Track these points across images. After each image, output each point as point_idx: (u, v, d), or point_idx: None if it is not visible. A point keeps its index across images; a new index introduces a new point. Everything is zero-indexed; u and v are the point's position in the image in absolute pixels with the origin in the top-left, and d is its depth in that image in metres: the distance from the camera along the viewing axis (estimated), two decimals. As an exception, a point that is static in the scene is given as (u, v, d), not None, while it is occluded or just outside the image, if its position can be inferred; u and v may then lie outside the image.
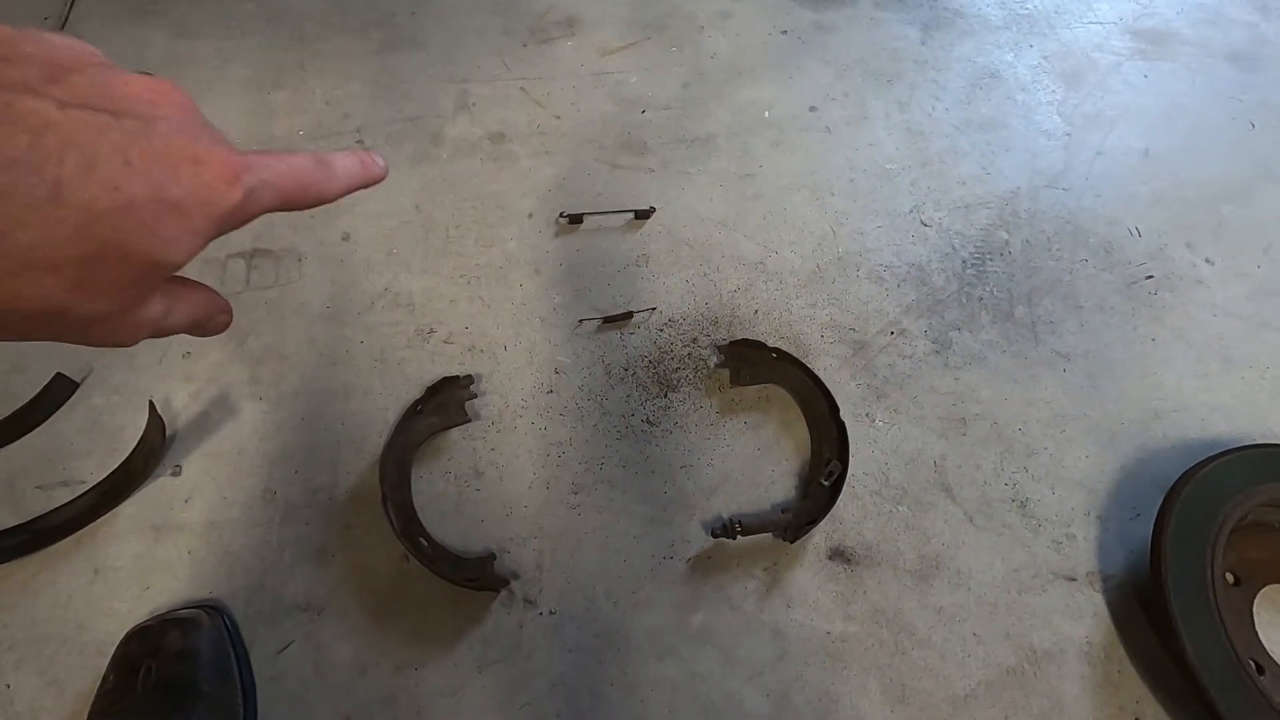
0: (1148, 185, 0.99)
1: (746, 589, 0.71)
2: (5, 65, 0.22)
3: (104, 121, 0.23)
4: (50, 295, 0.23)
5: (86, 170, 0.22)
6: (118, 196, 0.23)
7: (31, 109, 0.22)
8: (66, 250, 0.22)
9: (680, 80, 1.05)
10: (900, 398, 0.82)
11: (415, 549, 0.68)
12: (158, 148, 0.24)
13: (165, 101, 0.25)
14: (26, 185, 0.21)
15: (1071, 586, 0.73)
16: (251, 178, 0.27)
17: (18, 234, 0.21)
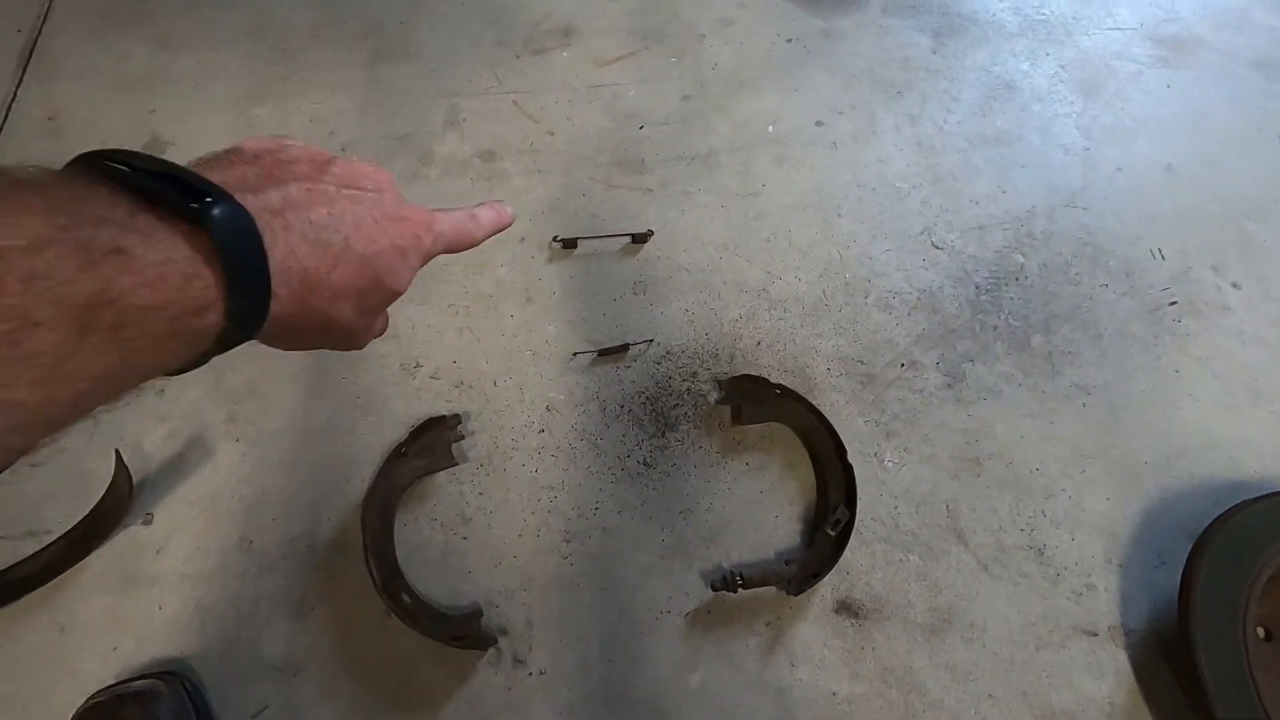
0: (1170, 203, 0.94)
1: (748, 646, 0.68)
2: (290, 164, 0.32)
3: (358, 195, 0.33)
4: (348, 315, 0.33)
5: (357, 229, 0.32)
6: (374, 246, 0.33)
7: (323, 190, 0.32)
8: (354, 284, 0.33)
9: (680, 92, 1.00)
10: (911, 435, 0.78)
11: (397, 605, 0.65)
12: (387, 211, 0.34)
13: (382, 181, 0.36)
14: (331, 241, 0.31)
15: (1092, 641, 0.69)
16: (436, 228, 0.38)
17: (333, 274, 0.31)
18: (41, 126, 0.94)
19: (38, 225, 0.21)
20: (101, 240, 0.22)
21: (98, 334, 0.22)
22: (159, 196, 0.25)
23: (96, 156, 0.26)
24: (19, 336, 0.20)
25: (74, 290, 0.21)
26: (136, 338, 0.23)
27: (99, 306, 0.22)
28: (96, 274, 0.22)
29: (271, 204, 0.29)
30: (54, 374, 0.21)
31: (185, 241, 0.25)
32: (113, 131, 0.92)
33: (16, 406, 0.21)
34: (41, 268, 0.20)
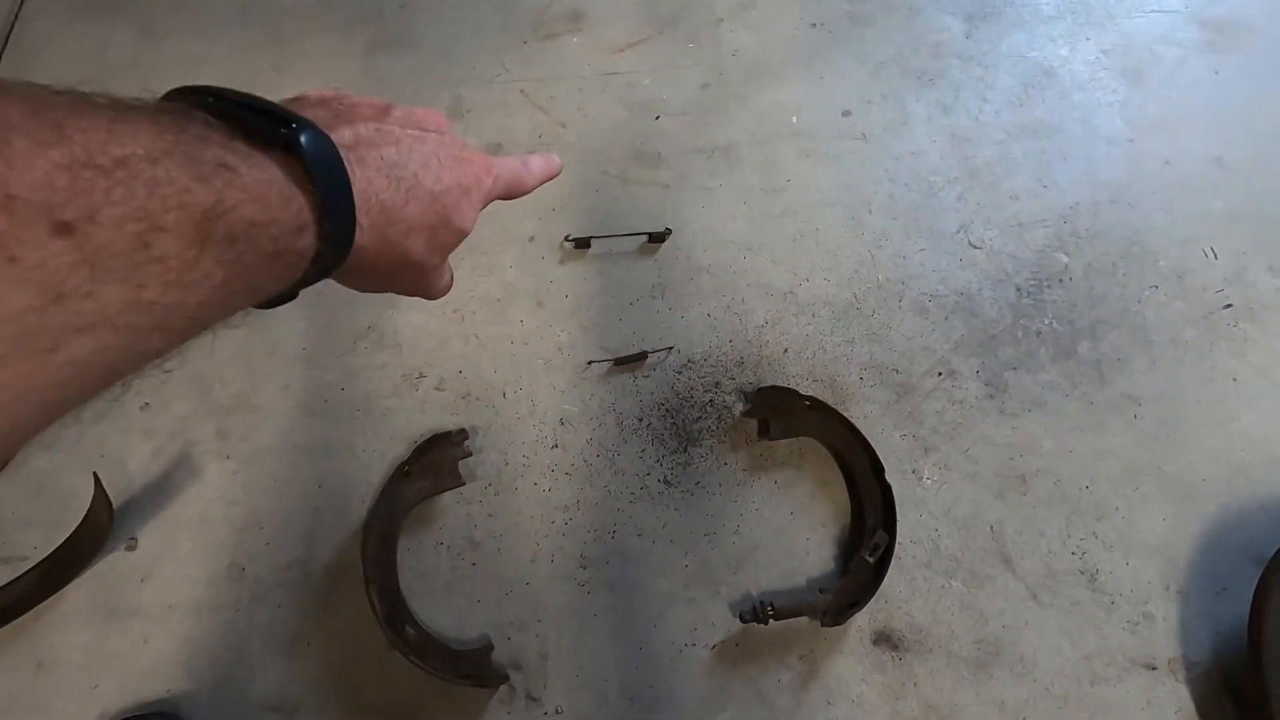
0: (1223, 199, 0.88)
1: (780, 681, 0.62)
2: (355, 108, 0.33)
3: (422, 136, 0.34)
4: (421, 250, 0.34)
5: (424, 167, 0.33)
6: (441, 183, 0.34)
7: (389, 130, 0.33)
8: (426, 219, 0.33)
9: (698, 81, 0.94)
10: (951, 451, 0.73)
11: (401, 639, 0.60)
12: (449, 152, 0.35)
13: (441, 123, 0.37)
14: (403, 176, 0.32)
15: (1151, 676, 0.64)
16: (494, 170, 0.39)
17: (406, 208, 0.32)
18: (19, 119, 0.88)
19: (152, 137, 0.22)
20: (209, 156, 0.23)
21: (214, 244, 0.23)
22: (251, 124, 0.26)
23: (187, 91, 0.27)
24: (149, 238, 0.21)
25: (192, 199, 0.22)
26: (247, 252, 0.24)
27: (215, 217, 0.23)
28: (209, 186, 0.23)
29: (345, 140, 0.30)
30: (181, 279, 0.22)
31: (279, 165, 0.26)
32: (95, 124, 0.87)
33: (150, 306, 0.21)
34: (162, 175, 0.21)
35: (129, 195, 0.20)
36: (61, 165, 0.19)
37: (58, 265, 0.19)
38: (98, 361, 0.21)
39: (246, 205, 0.24)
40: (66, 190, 0.19)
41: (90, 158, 0.20)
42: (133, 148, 0.21)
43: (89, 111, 0.21)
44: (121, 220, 0.20)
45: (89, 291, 0.20)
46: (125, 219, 0.20)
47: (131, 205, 0.20)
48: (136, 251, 0.21)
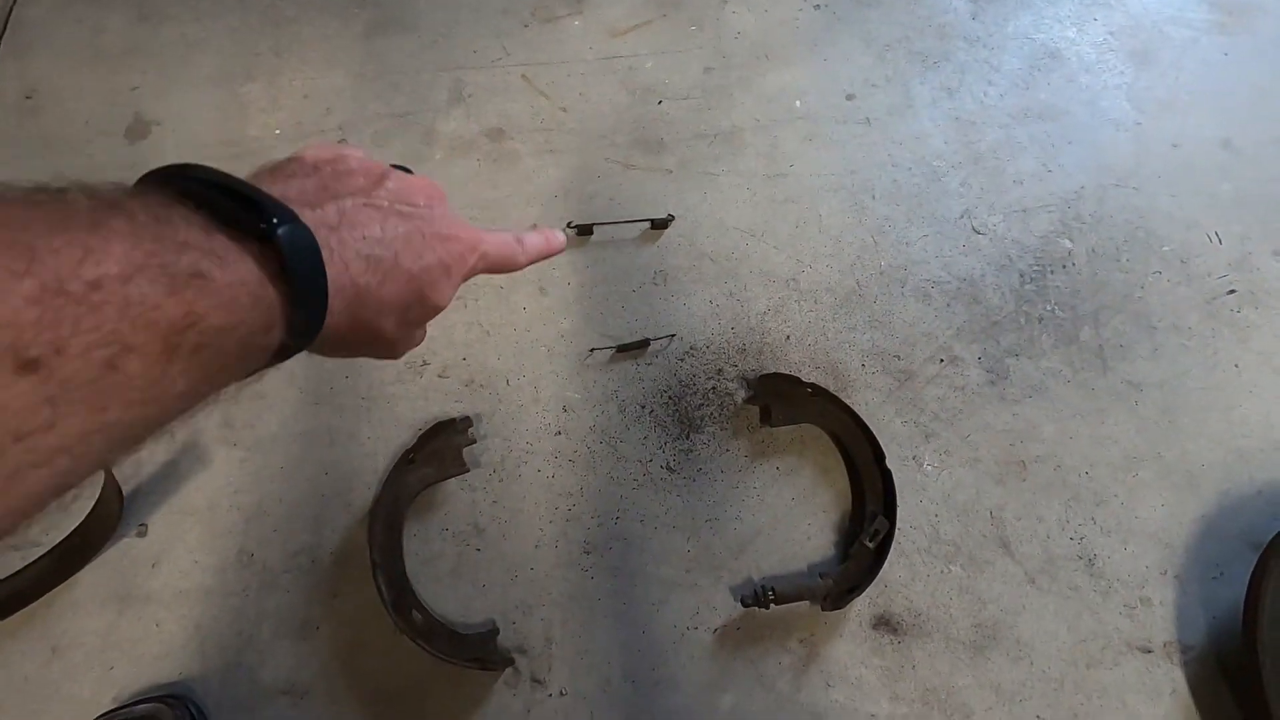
0: (1229, 182, 0.87)
1: (781, 665, 0.64)
2: (347, 177, 0.33)
3: (409, 212, 0.34)
4: (391, 328, 0.34)
5: (406, 245, 0.33)
6: (421, 262, 0.34)
7: (377, 205, 0.32)
8: (400, 299, 0.33)
9: (701, 64, 0.93)
10: (951, 437, 0.73)
11: (408, 624, 0.61)
12: (436, 230, 0.35)
13: (433, 196, 0.36)
14: (382, 257, 0.32)
15: (1147, 659, 0.65)
16: (481, 248, 0.38)
17: (382, 289, 0.32)
18: (19, 105, 0.88)
19: (127, 251, 0.22)
20: (184, 264, 0.23)
21: (182, 356, 0.23)
22: (230, 215, 0.26)
23: (171, 173, 0.27)
24: (116, 361, 0.21)
25: (162, 315, 0.22)
26: (212, 358, 0.24)
27: (183, 329, 0.23)
28: (180, 298, 0.22)
29: (329, 219, 0.30)
30: (145, 395, 0.22)
31: (254, 260, 0.26)
32: (93, 111, 0.86)
33: (111, 427, 0.21)
34: (134, 294, 0.21)
35: (99, 321, 0.20)
36: (31, 298, 0.19)
37: (20, 406, 0.19)
38: (51, 487, 0.21)
39: (216, 312, 0.24)
40: (35, 325, 0.19)
41: (62, 284, 0.20)
42: (107, 266, 0.21)
43: (65, 226, 0.21)
44: (89, 348, 0.20)
45: (50, 424, 0.19)
46: (93, 346, 0.20)
47: (102, 331, 0.20)
48: (102, 377, 0.20)
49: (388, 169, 0.35)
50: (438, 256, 0.34)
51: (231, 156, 0.84)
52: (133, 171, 0.83)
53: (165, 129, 0.86)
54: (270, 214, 0.26)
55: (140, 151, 0.84)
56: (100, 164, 0.83)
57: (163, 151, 0.84)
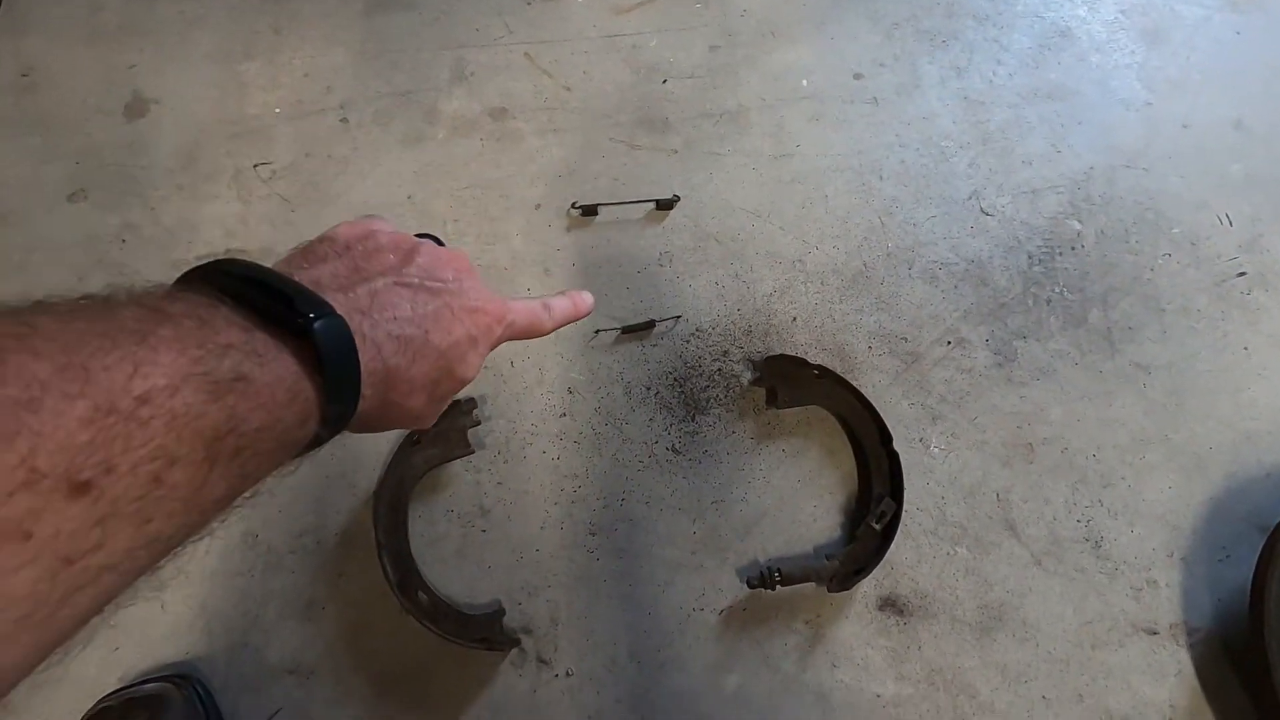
0: (1240, 163, 0.86)
1: (786, 645, 0.64)
2: (380, 255, 0.34)
3: (438, 288, 0.34)
4: (420, 405, 0.34)
5: (436, 322, 0.33)
6: (450, 338, 0.34)
7: (408, 283, 0.33)
8: (429, 375, 0.33)
9: (706, 42, 0.92)
10: (958, 419, 0.73)
11: (413, 604, 0.61)
12: (465, 303, 0.35)
13: (461, 268, 0.37)
14: (413, 336, 0.32)
15: (1152, 641, 0.65)
16: (508, 318, 0.39)
17: (411, 369, 0.32)
18: (15, 83, 0.86)
19: (174, 359, 0.22)
20: (226, 369, 0.23)
21: (222, 461, 0.23)
22: (269, 311, 0.26)
23: (211, 270, 0.27)
24: (163, 474, 0.21)
25: (205, 423, 0.22)
26: (250, 458, 0.24)
27: (225, 435, 0.23)
28: (223, 404, 0.23)
29: (361, 303, 0.31)
30: (187, 505, 0.22)
31: (292, 355, 0.26)
32: (91, 89, 0.85)
33: (154, 540, 0.21)
34: (180, 406, 0.22)
35: (148, 436, 0.21)
36: (85, 419, 0.19)
37: (72, 530, 0.19)
38: (96, 607, 0.21)
39: (256, 414, 0.24)
40: (87, 447, 0.19)
41: (113, 403, 0.20)
42: (155, 379, 0.21)
43: (114, 340, 0.21)
44: (137, 464, 0.20)
45: (99, 545, 0.20)
46: (142, 461, 0.20)
47: (150, 446, 0.21)
48: (149, 491, 0.21)
49: (417, 243, 0.36)
50: (466, 330, 0.35)
51: (231, 136, 0.83)
52: (131, 151, 0.83)
53: (164, 107, 0.84)
54: (306, 309, 0.27)
55: (139, 130, 0.83)
56: (99, 143, 0.82)
57: (161, 130, 0.83)
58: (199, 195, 0.80)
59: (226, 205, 0.79)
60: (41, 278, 0.75)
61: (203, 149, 0.82)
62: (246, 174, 0.81)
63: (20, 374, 0.19)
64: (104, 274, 0.75)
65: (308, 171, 0.82)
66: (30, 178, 0.80)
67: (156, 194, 0.80)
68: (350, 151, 0.83)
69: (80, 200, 0.79)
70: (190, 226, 0.78)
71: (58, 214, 0.78)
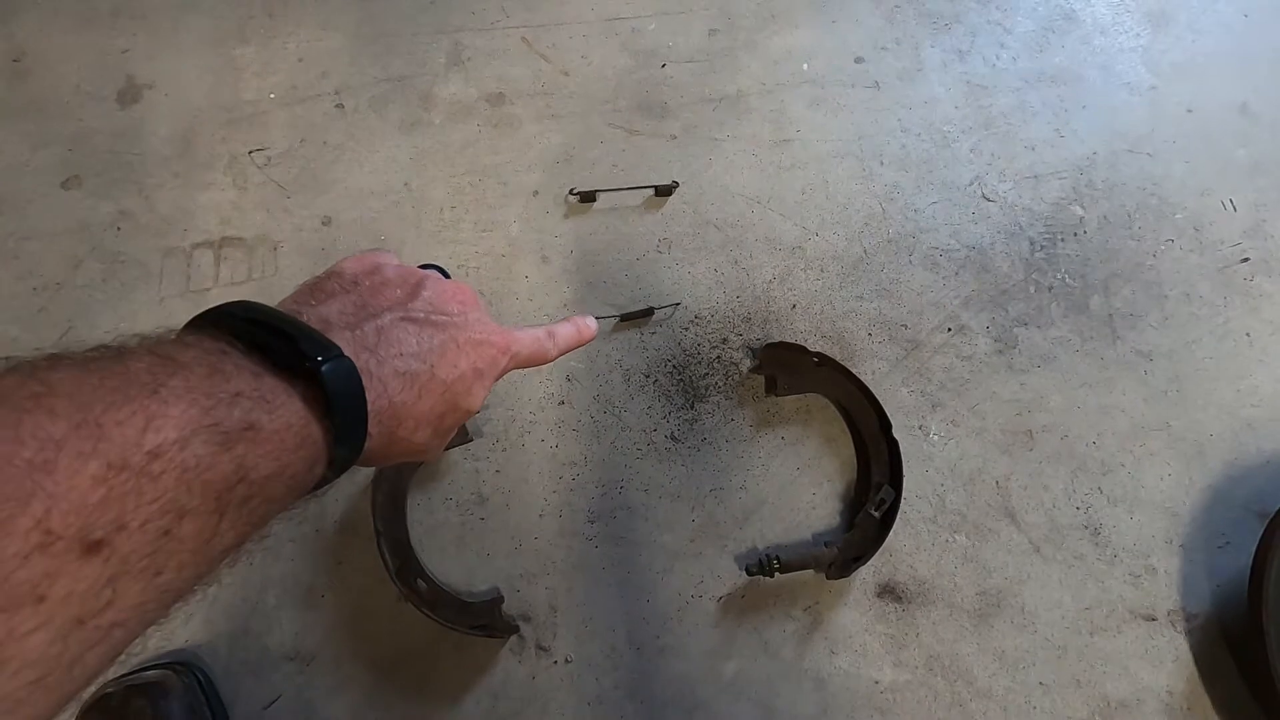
0: (1245, 148, 0.86)
1: (785, 632, 0.64)
2: (386, 289, 0.34)
3: (444, 321, 0.34)
4: (425, 439, 0.34)
5: (442, 356, 0.34)
6: (455, 371, 0.34)
7: (414, 317, 0.33)
8: (435, 409, 0.33)
9: (705, 26, 0.91)
10: (958, 406, 0.72)
11: (412, 592, 0.61)
12: (470, 336, 0.35)
13: (467, 300, 0.37)
14: (419, 372, 0.32)
15: (1151, 627, 0.65)
16: (513, 349, 0.39)
17: (418, 404, 0.32)
18: (7, 68, 0.85)
19: (184, 411, 0.22)
20: (236, 418, 0.24)
21: (231, 510, 0.23)
22: (278, 354, 0.26)
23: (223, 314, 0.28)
24: (173, 527, 0.21)
25: (215, 475, 0.22)
26: (259, 505, 0.24)
27: (234, 485, 0.23)
28: (232, 454, 0.23)
29: (368, 340, 0.31)
30: (196, 556, 0.22)
31: (300, 400, 0.26)
32: (84, 74, 0.84)
33: (164, 591, 0.21)
34: (190, 459, 0.22)
35: (159, 491, 0.21)
36: (98, 478, 0.19)
37: (85, 589, 0.19)
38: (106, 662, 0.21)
39: (265, 462, 0.24)
40: (100, 505, 0.19)
41: (126, 459, 0.20)
42: (166, 432, 0.21)
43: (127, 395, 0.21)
44: (149, 519, 0.20)
45: (110, 602, 0.20)
46: (153, 516, 0.21)
47: (161, 501, 0.21)
48: (160, 545, 0.21)
49: (423, 276, 0.36)
50: (471, 363, 0.35)
51: (225, 122, 0.82)
52: (124, 137, 0.82)
53: (157, 92, 0.84)
54: (314, 352, 0.27)
55: (133, 115, 0.82)
56: (92, 128, 0.81)
57: (155, 116, 0.82)
58: (194, 182, 0.79)
59: (222, 192, 0.79)
60: (36, 265, 0.74)
61: (197, 135, 0.82)
62: (242, 160, 0.80)
63: (36, 434, 0.19)
64: (98, 262, 0.75)
65: (303, 158, 0.81)
66: (23, 164, 0.79)
67: (151, 181, 0.79)
68: (346, 138, 0.82)
69: (74, 187, 0.78)
70: (185, 214, 0.78)
71: (51, 201, 0.77)
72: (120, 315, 0.73)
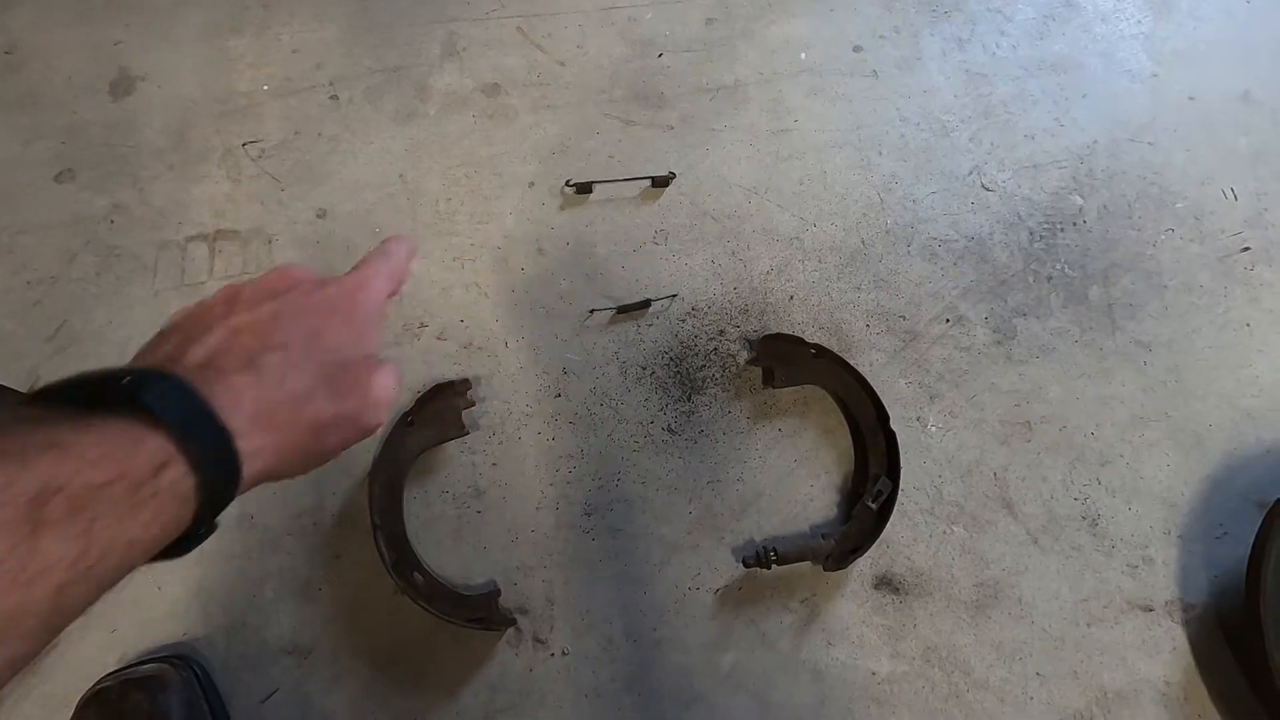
0: (1247, 137, 0.85)
1: (782, 624, 0.64)
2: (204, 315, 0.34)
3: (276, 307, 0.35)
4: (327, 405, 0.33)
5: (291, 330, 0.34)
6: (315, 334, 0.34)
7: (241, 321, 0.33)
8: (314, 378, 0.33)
9: (702, 15, 0.90)
10: (956, 398, 0.72)
11: (411, 586, 0.61)
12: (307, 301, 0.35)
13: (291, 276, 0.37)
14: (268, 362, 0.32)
15: (1148, 618, 0.65)
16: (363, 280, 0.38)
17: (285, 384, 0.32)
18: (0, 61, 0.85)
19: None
20: (35, 442, 0.24)
21: (52, 524, 0.23)
22: (89, 399, 0.27)
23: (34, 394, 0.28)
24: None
25: (16, 491, 0.22)
26: (99, 515, 0.24)
27: (47, 497, 0.23)
28: (34, 470, 0.23)
29: (198, 359, 0.31)
30: (19, 576, 0.22)
31: (122, 421, 0.26)
32: (77, 66, 0.84)
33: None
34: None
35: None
36: None
37: None
38: None
39: (85, 472, 0.24)
40: None
41: None
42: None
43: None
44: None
45: None
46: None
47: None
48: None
49: (242, 285, 0.35)
50: (322, 318, 0.34)
51: (219, 114, 0.82)
52: (118, 129, 0.81)
53: (151, 84, 0.83)
54: (120, 377, 0.27)
55: (126, 108, 0.82)
56: (85, 121, 0.81)
57: (149, 108, 0.82)
58: (188, 175, 0.79)
59: (216, 185, 0.78)
60: (30, 259, 0.74)
61: (191, 127, 0.81)
62: (236, 153, 0.80)
63: None
64: (93, 255, 0.74)
65: (298, 150, 0.80)
66: (16, 157, 0.79)
67: (145, 173, 0.78)
68: (340, 129, 0.82)
69: (67, 180, 0.78)
70: (180, 206, 0.77)
71: (45, 194, 0.77)
72: (115, 309, 0.72)
